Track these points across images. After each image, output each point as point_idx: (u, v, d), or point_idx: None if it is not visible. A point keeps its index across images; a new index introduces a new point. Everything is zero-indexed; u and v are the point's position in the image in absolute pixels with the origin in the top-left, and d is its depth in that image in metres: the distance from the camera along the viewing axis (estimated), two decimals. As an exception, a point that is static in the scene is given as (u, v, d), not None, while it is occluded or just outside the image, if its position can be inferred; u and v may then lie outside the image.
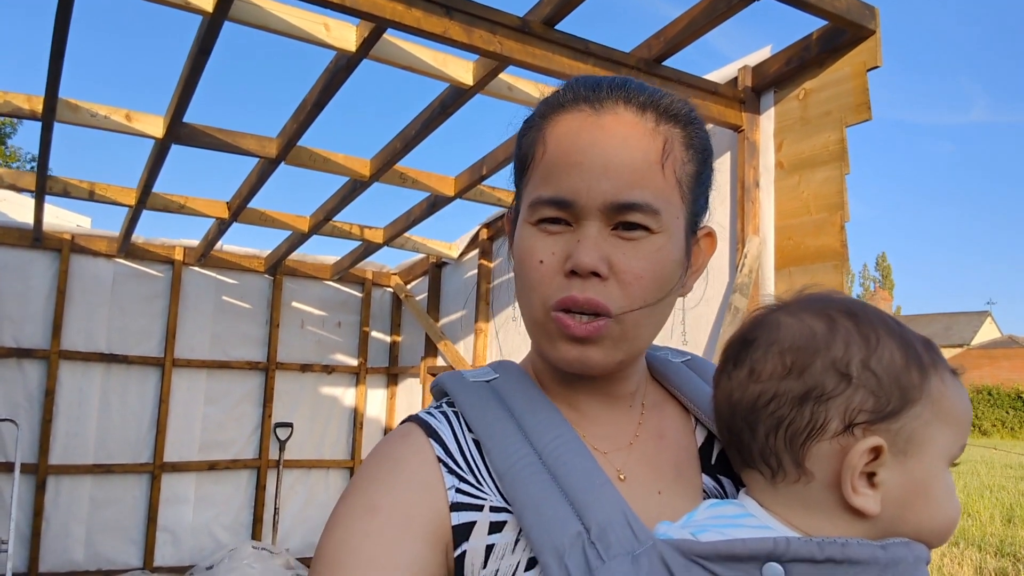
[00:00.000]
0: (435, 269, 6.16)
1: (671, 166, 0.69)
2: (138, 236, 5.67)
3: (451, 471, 0.68)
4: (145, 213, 4.84)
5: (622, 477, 0.72)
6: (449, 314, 6.00)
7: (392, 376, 6.69)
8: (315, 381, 6.43)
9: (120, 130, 3.62)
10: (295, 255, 6.24)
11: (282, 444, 6.12)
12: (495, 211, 5.16)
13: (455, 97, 3.30)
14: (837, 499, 0.62)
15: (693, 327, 3.48)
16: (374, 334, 6.73)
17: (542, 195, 0.69)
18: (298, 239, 5.46)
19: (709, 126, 3.49)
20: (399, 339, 6.75)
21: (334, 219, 5.00)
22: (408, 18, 2.42)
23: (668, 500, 0.72)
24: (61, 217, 8.06)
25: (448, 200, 4.61)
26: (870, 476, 0.62)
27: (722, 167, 3.47)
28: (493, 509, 0.66)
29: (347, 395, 6.58)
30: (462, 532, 0.66)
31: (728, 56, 3.62)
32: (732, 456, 0.70)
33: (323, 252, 6.92)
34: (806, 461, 0.63)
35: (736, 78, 3.32)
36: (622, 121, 0.69)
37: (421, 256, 6.27)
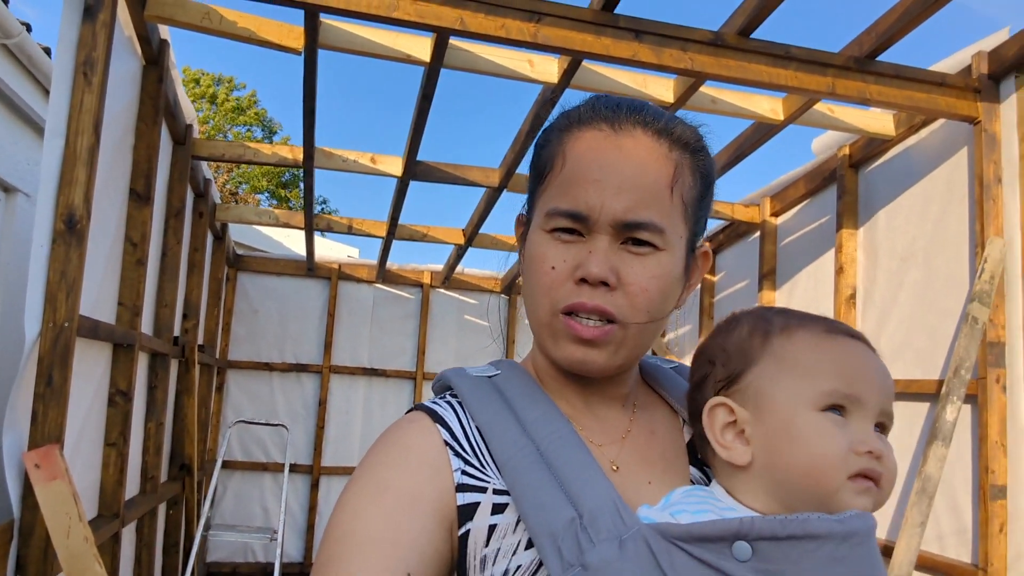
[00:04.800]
0: (661, 285, 6.17)
1: (679, 190, 0.74)
2: (392, 263, 6.37)
3: (457, 454, 0.73)
4: (395, 243, 5.44)
5: (615, 468, 0.76)
6: (673, 328, 5.97)
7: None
8: (548, 395, 6.72)
9: (366, 171, 4.15)
10: (527, 276, 6.59)
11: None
12: (715, 224, 5.08)
13: (658, 115, 3.36)
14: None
15: (928, 342, 3.18)
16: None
17: (559, 207, 0.73)
18: (527, 260, 5.78)
19: (940, 121, 3.20)
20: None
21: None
22: (597, 47, 2.55)
23: (658, 489, 0.75)
24: (335, 249, 9.22)
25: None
26: (741, 434, 0.70)
27: (957, 164, 3.16)
28: (496, 492, 0.71)
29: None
30: (467, 512, 0.70)
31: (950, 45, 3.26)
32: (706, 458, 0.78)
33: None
34: None
35: (968, 66, 3.02)
36: (639, 144, 0.73)
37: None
